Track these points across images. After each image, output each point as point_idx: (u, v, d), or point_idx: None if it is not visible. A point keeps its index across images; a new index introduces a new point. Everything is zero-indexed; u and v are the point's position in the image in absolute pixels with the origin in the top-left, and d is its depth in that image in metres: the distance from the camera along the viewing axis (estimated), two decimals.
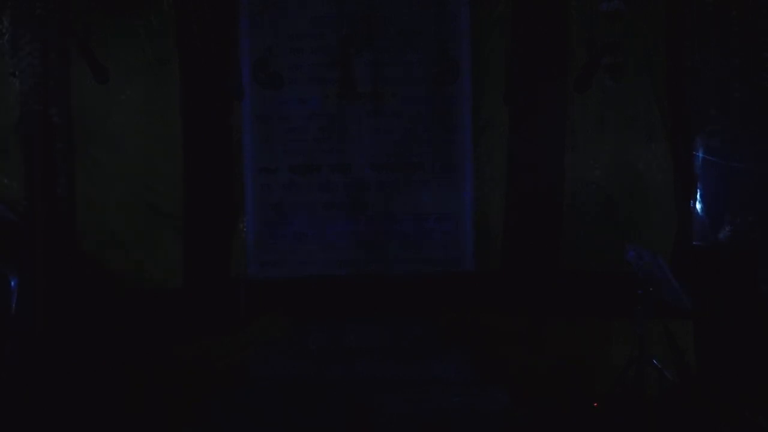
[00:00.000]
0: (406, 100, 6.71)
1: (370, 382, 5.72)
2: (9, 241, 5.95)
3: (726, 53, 5.96)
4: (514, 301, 6.35)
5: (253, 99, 6.70)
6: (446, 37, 6.70)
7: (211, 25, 6.51)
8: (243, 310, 6.49)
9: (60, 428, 5.29)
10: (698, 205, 6.23)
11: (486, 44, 6.64)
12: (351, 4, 6.67)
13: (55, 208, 6.20)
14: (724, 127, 6.03)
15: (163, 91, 6.47)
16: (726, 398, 5.38)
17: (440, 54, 6.71)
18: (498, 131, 6.62)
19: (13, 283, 5.70)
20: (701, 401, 5.42)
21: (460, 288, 6.53)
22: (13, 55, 6.07)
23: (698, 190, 6.23)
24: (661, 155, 6.38)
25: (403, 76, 6.70)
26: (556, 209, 6.48)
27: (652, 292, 5.10)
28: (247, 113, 6.69)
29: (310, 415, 5.42)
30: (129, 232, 6.44)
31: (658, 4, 6.37)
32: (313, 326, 6.32)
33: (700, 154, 6.19)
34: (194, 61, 6.46)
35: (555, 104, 6.46)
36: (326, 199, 6.74)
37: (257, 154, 6.72)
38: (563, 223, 6.48)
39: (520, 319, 6.28)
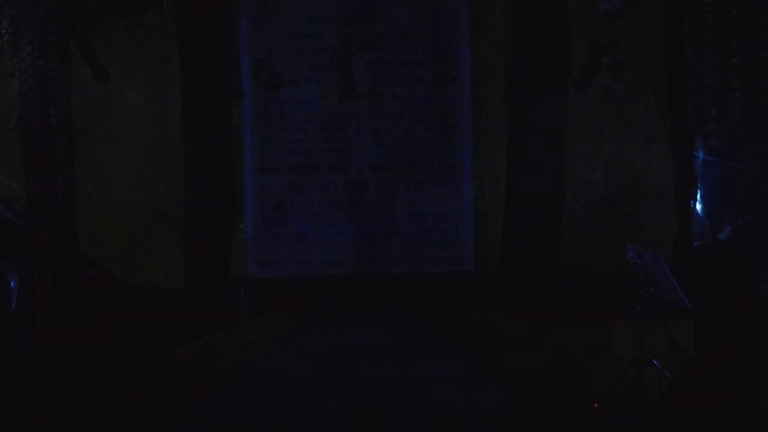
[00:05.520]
0: (406, 100, 6.70)
1: (370, 381, 5.71)
2: (9, 241, 5.95)
3: (726, 53, 5.96)
4: (514, 301, 6.35)
5: (253, 99, 6.70)
6: (446, 37, 6.70)
7: (211, 25, 6.52)
8: (243, 310, 6.49)
9: (60, 428, 5.29)
10: (698, 205, 6.23)
11: (486, 44, 6.65)
12: (351, 4, 6.67)
13: (55, 208, 6.20)
14: (724, 127, 6.02)
15: (164, 91, 6.48)
16: (726, 398, 5.37)
17: (440, 54, 6.70)
18: (498, 131, 6.62)
19: (12, 283, 5.69)
20: (701, 401, 5.42)
21: (460, 288, 6.52)
22: (13, 55, 6.07)
23: (698, 190, 6.23)
24: (661, 155, 6.39)
25: (403, 76, 6.70)
26: (556, 209, 6.49)
27: (652, 292, 5.11)
28: (247, 113, 6.69)
29: (310, 415, 5.42)
30: (129, 232, 6.44)
31: (658, 4, 6.38)
32: (313, 326, 6.32)
33: (700, 154, 6.19)
34: (194, 61, 6.47)
35: (555, 104, 6.47)
36: (326, 199, 6.73)
37: (257, 154, 6.71)
38: (563, 223, 6.49)
39: (520, 319, 6.28)
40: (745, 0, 5.94)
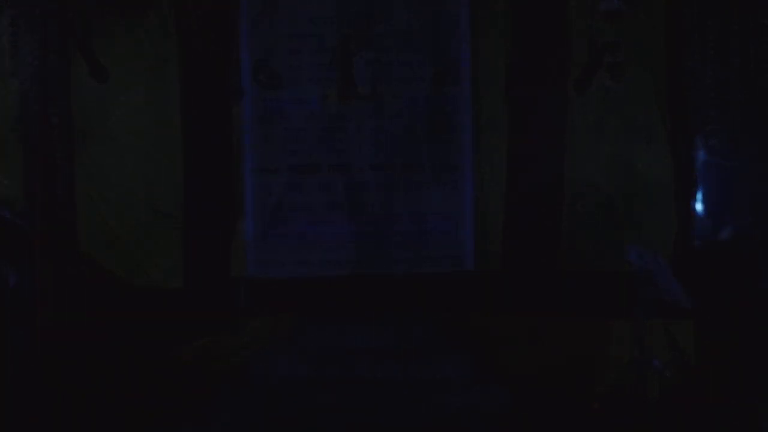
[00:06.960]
0: (406, 100, 6.69)
1: (370, 382, 5.72)
2: (9, 241, 5.94)
3: (726, 53, 5.96)
4: (514, 301, 6.35)
5: (253, 99, 6.69)
6: (446, 37, 6.70)
7: (211, 25, 6.52)
8: (243, 310, 6.50)
9: (60, 428, 5.29)
10: (698, 205, 6.23)
11: (486, 44, 6.64)
12: (351, 4, 6.66)
13: (55, 208, 6.20)
14: (724, 127, 6.03)
15: (163, 91, 6.47)
16: (726, 398, 5.38)
17: (440, 54, 6.70)
18: (498, 131, 6.61)
19: (12, 283, 5.69)
20: (701, 401, 5.43)
21: (460, 288, 6.52)
22: (13, 55, 6.07)
23: (698, 190, 6.24)
24: (661, 155, 6.38)
25: (403, 76, 6.69)
26: (556, 209, 6.48)
27: (652, 292, 5.11)
28: (247, 113, 6.68)
29: (310, 416, 5.42)
30: (129, 232, 6.43)
31: (658, 4, 6.38)
32: (313, 326, 6.32)
33: (700, 154, 6.19)
34: (194, 61, 6.47)
35: (555, 104, 6.47)
36: (326, 199, 6.73)
37: (257, 154, 6.70)
38: (563, 223, 6.48)
39: (520, 319, 6.28)
40: (745, 0, 5.94)
